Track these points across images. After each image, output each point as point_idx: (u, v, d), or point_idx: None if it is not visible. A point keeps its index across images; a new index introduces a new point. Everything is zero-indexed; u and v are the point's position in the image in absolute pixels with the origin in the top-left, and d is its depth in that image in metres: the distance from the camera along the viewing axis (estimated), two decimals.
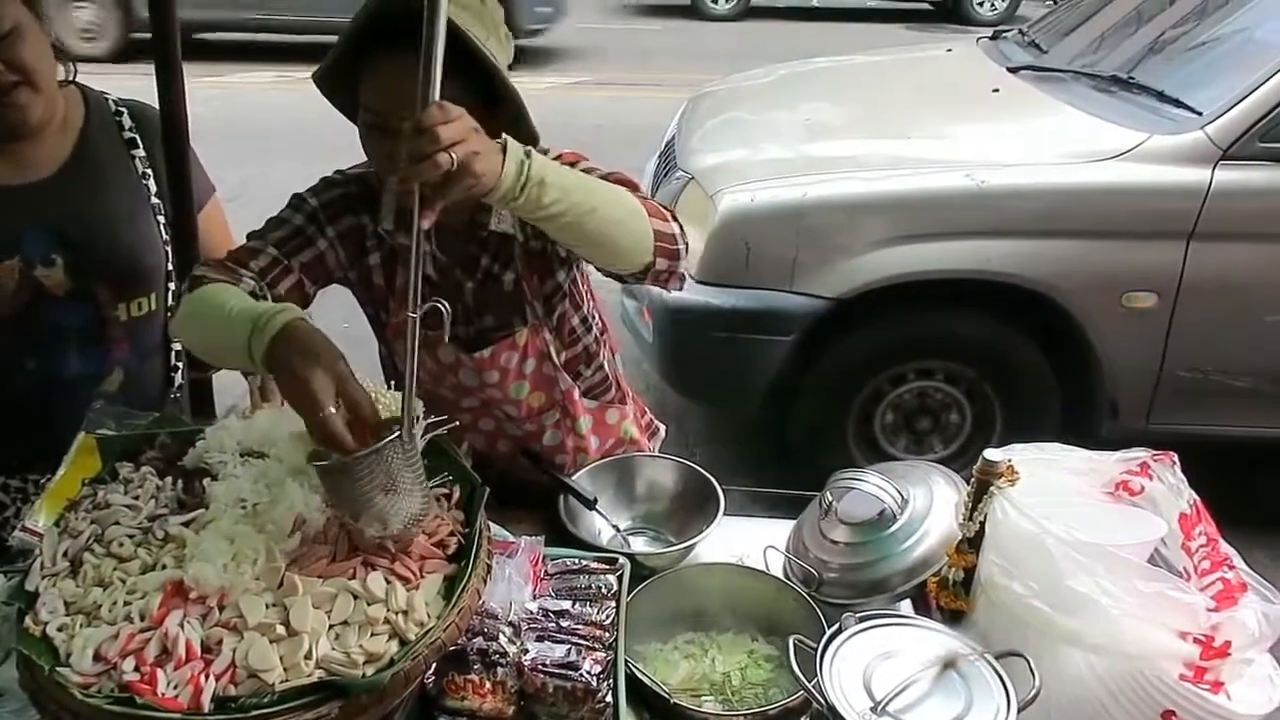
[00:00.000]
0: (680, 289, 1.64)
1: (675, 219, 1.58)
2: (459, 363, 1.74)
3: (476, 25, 1.45)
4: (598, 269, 1.62)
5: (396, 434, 1.28)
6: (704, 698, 1.51)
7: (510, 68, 1.54)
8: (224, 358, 1.50)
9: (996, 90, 4.03)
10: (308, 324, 1.35)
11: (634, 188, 1.58)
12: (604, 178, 1.57)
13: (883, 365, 3.61)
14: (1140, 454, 1.44)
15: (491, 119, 1.47)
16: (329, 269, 1.67)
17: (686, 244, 1.58)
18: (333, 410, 1.25)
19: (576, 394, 1.86)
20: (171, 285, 2.00)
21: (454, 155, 1.21)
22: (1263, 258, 3.28)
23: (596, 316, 1.88)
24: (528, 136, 1.49)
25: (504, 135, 1.34)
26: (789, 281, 3.42)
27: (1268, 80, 3.21)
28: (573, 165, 1.57)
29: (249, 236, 1.65)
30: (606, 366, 1.94)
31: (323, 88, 1.56)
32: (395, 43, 1.41)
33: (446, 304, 1.31)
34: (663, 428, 2.15)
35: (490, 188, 1.29)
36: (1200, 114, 3.31)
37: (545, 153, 1.56)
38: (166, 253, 1.97)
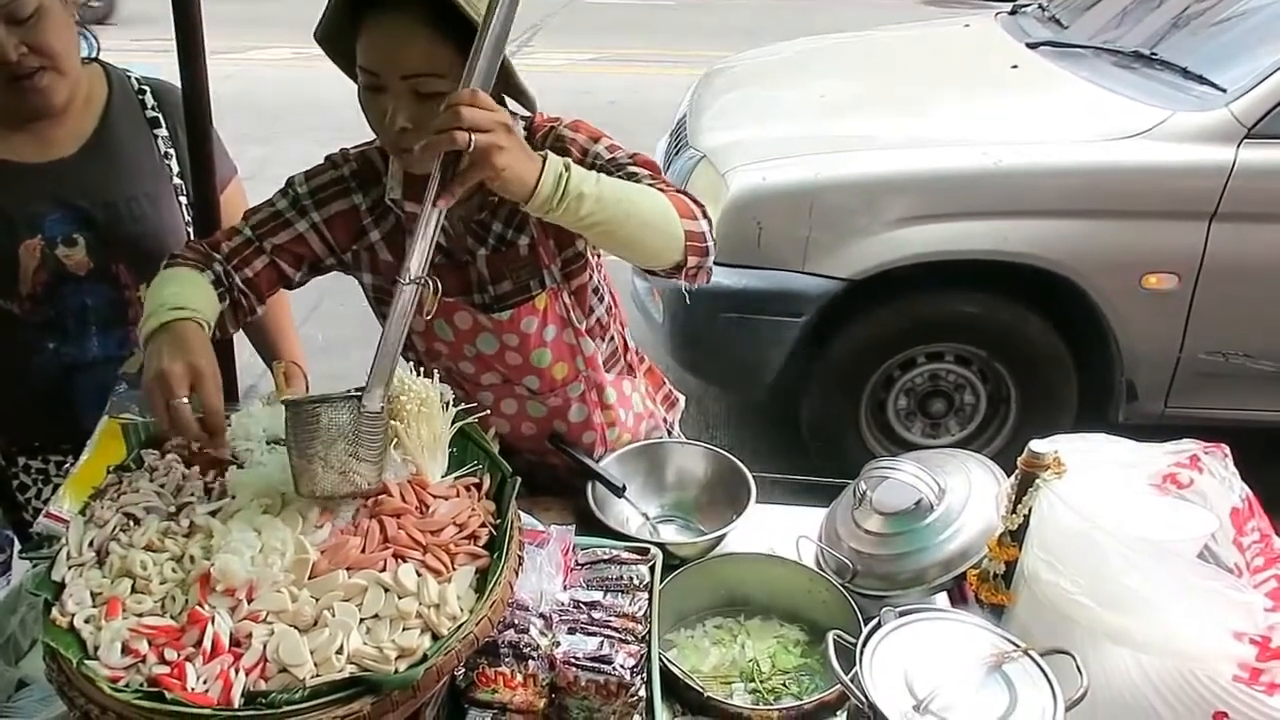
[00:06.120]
0: (708, 283, 1.63)
1: (705, 215, 1.58)
2: (477, 326, 1.71)
3: None
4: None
5: (354, 392, 1.29)
6: (734, 685, 1.50)
7: (526, 43, 1.52)
8: None
9: (1015, 66, 3.97)
10: (197, 328, 1.42)
11: (655, 170, 1.59)
12: (630, 158, 1.59)
13: (898, 347, 3.58)
14: (1190, 446, 1.41)
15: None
16: (314, 252, 1.67)
17: (715, 240, 1.59)
18: (184, 400, 1.32)
19: (600, 360, 1.83)
20: None
21: (473, 139, 1.23)
22: None
23: (605, 288, 1.86)
24: (522, 97, 1.55)
25: (546, 150, 1.36)
26: (801, 262, 3.39)
27: None
28: (595, 140, 1.61)
29: (243, 216, 1.68)
30: (618, 339, 1.92)
31: (325, 47, 1.56)
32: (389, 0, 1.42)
33: (436, 280, 1.32)
34: (681, 398, 2.13)
35: (525, 196, 1.32)
36: (1225, 91, 3.27)
37: (558, 121, 1.64)
38: (188, 233, 1.94)
